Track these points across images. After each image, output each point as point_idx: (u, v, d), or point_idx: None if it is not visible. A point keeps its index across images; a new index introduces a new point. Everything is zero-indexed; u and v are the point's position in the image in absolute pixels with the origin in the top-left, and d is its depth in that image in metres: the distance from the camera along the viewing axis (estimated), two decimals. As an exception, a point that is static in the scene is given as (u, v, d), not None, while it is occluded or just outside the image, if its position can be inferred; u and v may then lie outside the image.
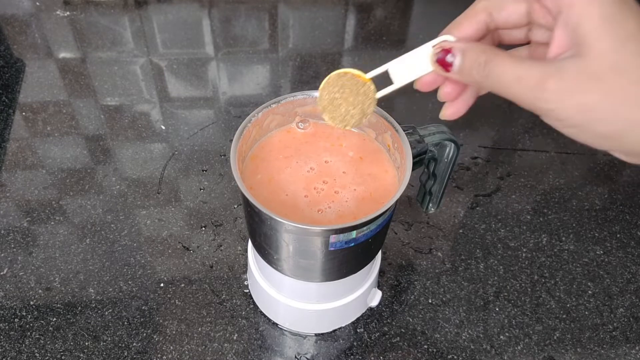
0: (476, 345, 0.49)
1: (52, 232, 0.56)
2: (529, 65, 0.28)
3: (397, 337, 0.50)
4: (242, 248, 0.56)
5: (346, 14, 0.88)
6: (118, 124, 0.68)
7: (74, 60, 0.77)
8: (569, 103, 0.27)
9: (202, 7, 0.86)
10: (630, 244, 0.58)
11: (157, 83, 0.74)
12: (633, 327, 0.51)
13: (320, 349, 0.49)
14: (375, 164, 0.43)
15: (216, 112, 0.70)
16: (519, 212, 0.60)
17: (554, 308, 0.52)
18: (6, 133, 0.66)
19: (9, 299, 0.51)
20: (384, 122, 0.41)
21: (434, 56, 0.31)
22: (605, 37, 0.26)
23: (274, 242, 0.39)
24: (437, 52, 0.31)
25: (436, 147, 0.43)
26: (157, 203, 0.59)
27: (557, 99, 0.27)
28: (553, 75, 0.27)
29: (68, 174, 0.62)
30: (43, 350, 0.47)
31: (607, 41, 0.26)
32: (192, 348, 0.48)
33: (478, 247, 0.57)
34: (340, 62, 0.79)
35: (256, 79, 0.76)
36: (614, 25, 0.26)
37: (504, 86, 0.29)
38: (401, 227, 0.58)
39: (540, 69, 0.28)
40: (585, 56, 0.27)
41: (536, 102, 0.28)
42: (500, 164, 0.65)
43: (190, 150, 0.65)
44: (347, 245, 0.38)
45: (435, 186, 0.47)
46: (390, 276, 0.54)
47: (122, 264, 0.54)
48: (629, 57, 0.26)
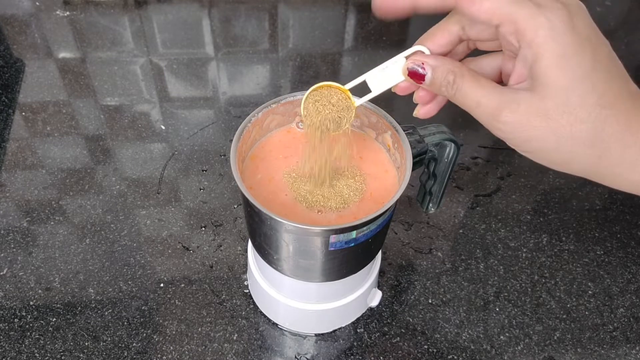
0: (476, 345, 0.49)
1: (51, 232, 0.56)
2: (488, 92, 0.29)
3: (397, 337, 0.50)
4: (242, 248, 0.56)
5: (346, 14, 0.88)
6: (118, 124, 0.68)
7: (74, 60, 0.77)
8: (520, 135, 0.29)
9: (202, 7, 0.86)
10: (631, 244, 0.58)
11: (157, 83, 0.74)
12: (633, 327, 0.51)
13: (320, 349, 0.49)
14: (375, 164, 0.43)
15: (216, 112, 0.70)
16: (519, 212, 0.60)
17: (554, 308, 0.52)
18: (6, 133, 0.66)
19: (9, 299, 0.51)
20: (384, 122, 0.41)
21: (406, 70, 0.32)
22: (559, 76, 0.27)
23: (274, 242, 0.39)
24: (409, 65, 0.32)
25: (436, 147, 0.43)
26: (157, 203, 0.59)
27: (510, 130, 0.29)
28: (507, 107, 0.29)
29: (68, 174, 0.62)
30: (43, 351, 0.47)
31: (561, 80, 0.27)
32: (192, 348, 0.48)
33: (478, 247, 0.57)
34: (340, 62, 0.79)
35: (256, 79, 0.76)
36: (570, 64, 0.27)
37: (467, 107, 0.31)
38: (401, 227, 0.58)
39: (498, 98, 0.29)
40: (538, 93, 0.28)
41: (493, 129, 0.30)
42: (501, 164, 0.65)
43: (190, 150, 0.65)
44: (347, 245, 0.38)
45: (435, 186, 0.47)
46: (390, 276, 0.54)
47: (122, 264, 0.54)
48: (580, 97, 0.27)
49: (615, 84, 0.28)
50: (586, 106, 0.27)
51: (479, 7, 0.28)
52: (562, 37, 0.27)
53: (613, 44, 0.29)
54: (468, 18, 0.31)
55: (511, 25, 0.28)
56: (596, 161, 0.29)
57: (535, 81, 0.28)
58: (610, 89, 0.28)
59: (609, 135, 0.28)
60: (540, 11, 0.27)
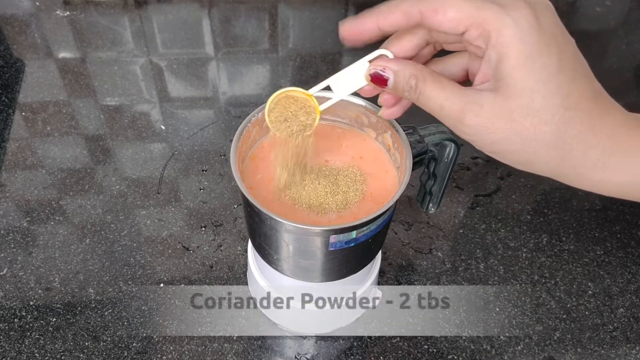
0: (476, 345, 0.49)
1: (51, 232, 0.56)
2: (451, 95, 0.29)
3: (397, 337, 0.50)
4: (242, 248, 0.56)
5: (346, 14, 0.88)
6: (118, 124, 0.68)
7: (74, 60, 0.77)
8: (484, 137, 0.29)
9: (202, 7, 0.86)
10: (631, 244, 0.58)
11: (157, 83, 0.74)
12: (633, 327, 0.51)
13: (320, 349, 0.49)
14: (375, 164, 0.43)
15: (216, 112, 0.70)
16: (519, 212, 0.60)
17: (554, 308, 0.52)
18: (6, 133, 0.66)
19: (9, 299, 0.51)
20: (384, 122, 0.41)
21: (369, 74, 0.32)
22: (524, 77, 0.27)
23: (274, 242, 0.39)
24: (371, 70, 0.32)
25: (436, 147, 0.43)
26: (157, 203, 0.59)
27: (474, 133, 0.29)
28: (470, 109, 0.28)
29: (68, 174, 0.62)
30: (43, 351, 0.47)
31: (525, 81, 0.27)
32: (192, 348, 0.48)
33: (478, 247, 0.57)
34: (340, 62, 0.79)
35: (256, 79, 0.76)
36: (535, 65, 0.27)
37: (431, 111, 0.31)
38: (401, 227, 0.58)
39: (460, 100, 0.29)
40: (501, 93, 0.28)
41: (458, 132, 0.30)
42: (501, 164, 0.65)
43: (190, 150, 0.65)
44: (347, 246, 0.38)
45: (435, 186, 0.47)
46: (390, 276, 0.54)
47: (122, 264, 0.54)
48: (544, 98, 0.27)
49: (580, 84, 0.28)
50: (550, 108, 0.27)
51: (443, 17, 0.28)
52: (528, 37, 0.26)
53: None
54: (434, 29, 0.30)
55: (477, 30, 0.28)
56: (559, 162, 0.29)
57: (499, 82, 0.28)
58: (575, 89, 0.28)
59: (572, 136, 0.28)
60: (505, 11, 0.27)
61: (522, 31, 0.26)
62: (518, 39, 0.27)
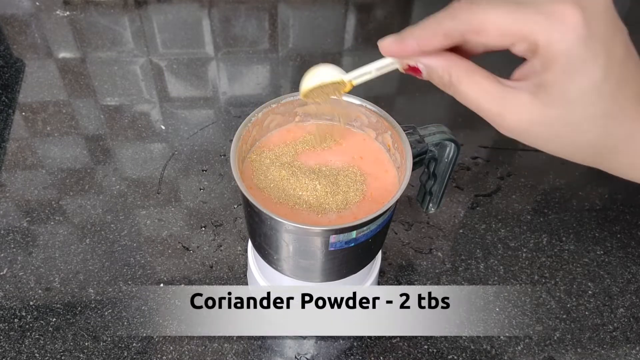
0: (476, 345, 0.49)
1: (51, 232, 0.56)
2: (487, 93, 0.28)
3: (397, 337, 0.50)
4: (242, 248, 0.56)
5: (346, 14, 0.88)
6: (118, 124, 0.68)
7: (74, 60, 0.77)
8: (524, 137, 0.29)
9: (202, 7, 0.86)
10: (631, 244, 0.58)
11: (157, 83, 0.74)
12: (633, 327, 0.51)
13: (320, 349, 0.49)
14: (375, 164, 0.43)
15: (216, 112, 0.70)
16: (519, 212, 0.60)
17: (554, 308, 0.52)
18: (6, 133, 0.66)
19: (9, 299, 0.51)
20: (384, 122, 0.41)
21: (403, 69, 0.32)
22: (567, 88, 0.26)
23: (274, 242, 0.39)
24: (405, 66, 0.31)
25: (436, 147, 0.43)
26: (157, 203, 0.59)
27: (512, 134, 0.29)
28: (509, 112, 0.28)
29: (68, 174, 0.62)
30: (43, 351, 0.47)
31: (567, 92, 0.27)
32: (192, 348, 0.48)
33: (478, 247, 0.57)
34: (340, 62, 0.79)
35: (256, 79, 0.76)
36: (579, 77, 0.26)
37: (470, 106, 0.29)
38: (401, 227, 0.58)
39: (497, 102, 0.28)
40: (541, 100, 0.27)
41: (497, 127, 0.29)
42: (501, 164, 0.65)
43: (190, 150, 0.65)
44: (347, 246, 0.38)
45: (435, 186, 0.47)
46: (390, 276, 0.54)
47: (122, 264, 0.54)
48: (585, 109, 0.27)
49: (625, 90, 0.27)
50: (591, 119, 0.27)
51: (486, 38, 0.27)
52: (575, 49, 0.25)
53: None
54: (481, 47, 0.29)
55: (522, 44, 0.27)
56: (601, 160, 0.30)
57: (540, 87, 0.27)
58: (620, 95, 0.27)
59: (615, 139, 0.28)
60: (551, 22, 0.25)
61: (569, 43, 0.25)
62: (564, 53, 0.26)
